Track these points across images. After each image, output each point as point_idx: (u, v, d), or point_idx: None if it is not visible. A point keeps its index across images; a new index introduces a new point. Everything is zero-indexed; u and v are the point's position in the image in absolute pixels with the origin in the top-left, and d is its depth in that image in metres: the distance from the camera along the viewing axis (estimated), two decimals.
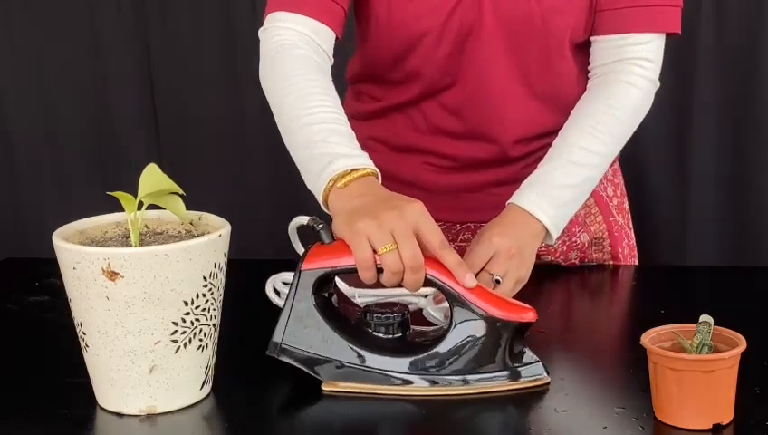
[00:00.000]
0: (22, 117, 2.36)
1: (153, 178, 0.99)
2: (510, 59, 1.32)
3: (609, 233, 1.47)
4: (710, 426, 0.93)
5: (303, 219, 1.08)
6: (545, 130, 1.37)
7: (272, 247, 2.23)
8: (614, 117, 1.29)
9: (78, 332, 1.00)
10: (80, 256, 0.95)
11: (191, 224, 1.05)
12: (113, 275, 0.94)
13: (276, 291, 1.21)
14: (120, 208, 1.01)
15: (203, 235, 0.99)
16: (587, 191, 1.28)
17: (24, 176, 2.39)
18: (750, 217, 2.21)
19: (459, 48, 1.32)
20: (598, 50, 1.34)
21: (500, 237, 1.17)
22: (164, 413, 1.00)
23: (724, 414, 0.93)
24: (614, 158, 1.34)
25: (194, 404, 1.02)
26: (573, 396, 1.03)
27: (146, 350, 0.97)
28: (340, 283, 1.18)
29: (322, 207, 1.13)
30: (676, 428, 0.93)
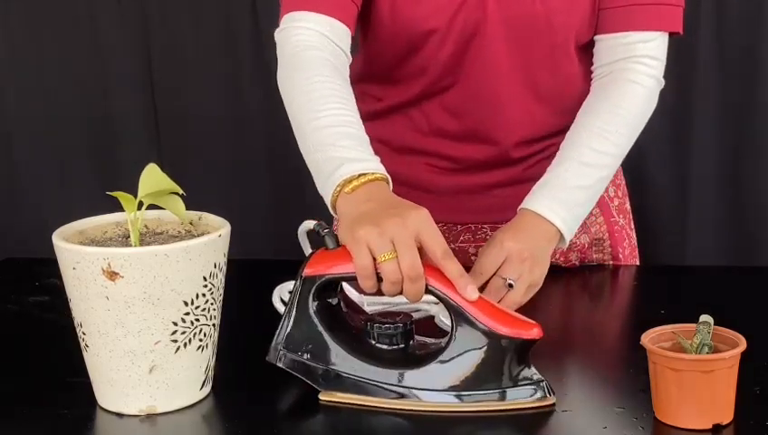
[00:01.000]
0: (22, 117, 2.36)
1: (153, 178, 0.99)
2: (513, 60, 1.32)
3: (610, 234, 1.47)
4: (710, 426, 0.93)
5: (310, 224, 1.06)
6: (547, 131, 1.37)
7: (272, 248, 2.23)
8: (622, 117, 1.28)
9: (78, 332, 1.00)
10: (80, 256, 0.95)
11: (191, 224, 1.05)
12: (113, 275, 0.94)
13: (283, 301, 1.18)
14: (120, 208, 1.01)
15: (203, 235, 0.99)
16: (599, 192, 1.27)
17: (24, 176, 2.39)
18: (750, 217, 2.21)
19: (463, 48, 1.31)
20: (602, 48, 1.34)
21: (512, 241, 1.16)
22: (164, 413, 1.00)
23: (724, 414, 0.93)
24: (623, 157, 1.33)
25: (194, 404, 1.02)
26: (573, 396, 1.02)
27: (146, 350, 0.97)
28: (349, 289, 1.14)
29: (331, 212, 1.11)
30: (676, 428, 0.93)
